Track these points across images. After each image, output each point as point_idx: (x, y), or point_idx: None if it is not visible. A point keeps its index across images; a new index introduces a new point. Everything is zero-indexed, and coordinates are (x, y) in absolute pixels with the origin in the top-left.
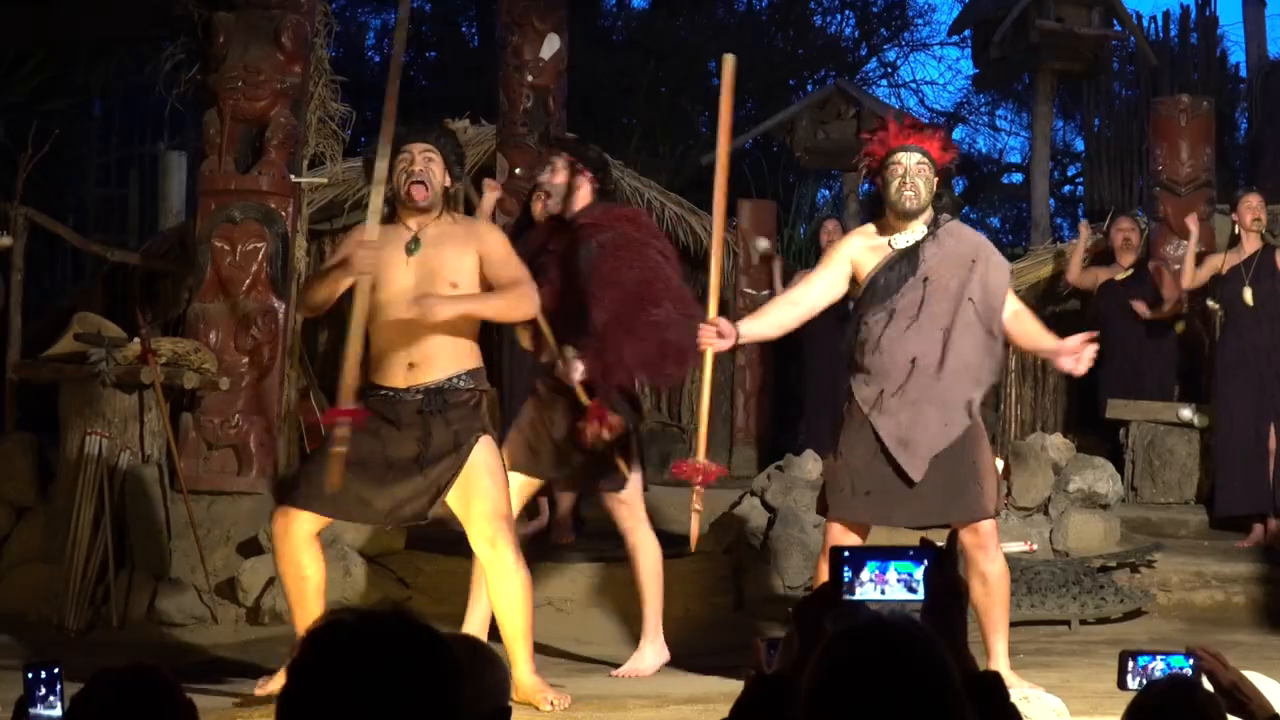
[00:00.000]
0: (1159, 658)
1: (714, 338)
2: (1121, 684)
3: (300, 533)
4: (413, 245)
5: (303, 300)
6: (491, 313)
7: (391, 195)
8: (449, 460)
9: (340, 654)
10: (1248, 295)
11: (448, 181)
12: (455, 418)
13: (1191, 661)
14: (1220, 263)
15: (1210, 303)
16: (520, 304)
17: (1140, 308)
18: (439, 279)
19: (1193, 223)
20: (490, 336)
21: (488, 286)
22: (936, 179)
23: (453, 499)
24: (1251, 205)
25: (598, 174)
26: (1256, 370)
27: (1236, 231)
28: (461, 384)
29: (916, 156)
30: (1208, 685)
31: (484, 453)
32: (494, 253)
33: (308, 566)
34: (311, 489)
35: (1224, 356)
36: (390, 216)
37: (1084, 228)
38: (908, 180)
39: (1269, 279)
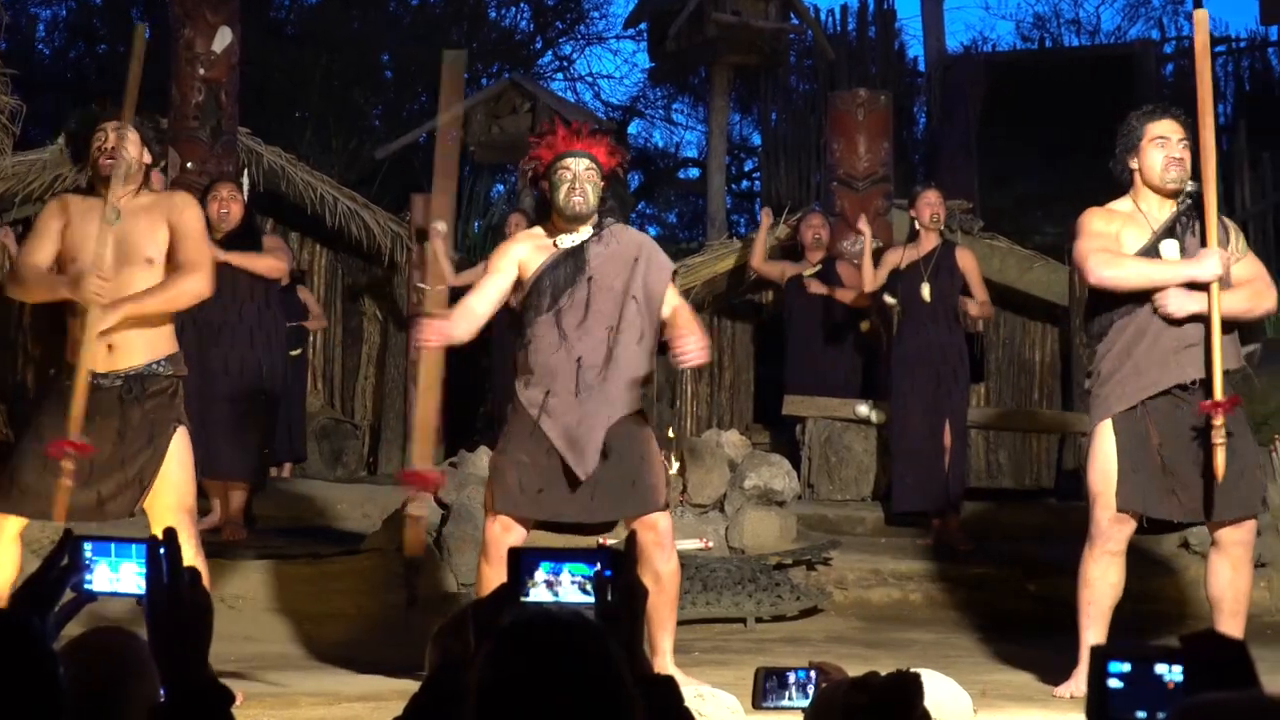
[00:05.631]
0: (791, 672)
1: (435, 334)
2: (757, 703)
3: (6, 534)
4: (111, 215)
5: (15, 286)
6: (155, 308)
7: (92, 173)
8: (147, 453)
9: None
10: (925, 292)
11: (146, 158)
12: (152, 406)
13: (814, 675)
14: (899, 258)
15: (888, 298)
16: (181, 296)
17: (820, 287)
18: (135, 253)
19: (864, 225)
20: None
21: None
22: (603, 183)
23: None
24: (930, 201)
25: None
26: (933, 367)
27: (915, 227)
28: (160, 369)
29: (585, 162)
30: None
31: (178, 445)
32: (182, 226)
33: (3, 566)
34: (17, 489)
35: (900, 352)
36: (89, 190)
37: (765, 214)
38: (576, 186)
39: (947, 276)
